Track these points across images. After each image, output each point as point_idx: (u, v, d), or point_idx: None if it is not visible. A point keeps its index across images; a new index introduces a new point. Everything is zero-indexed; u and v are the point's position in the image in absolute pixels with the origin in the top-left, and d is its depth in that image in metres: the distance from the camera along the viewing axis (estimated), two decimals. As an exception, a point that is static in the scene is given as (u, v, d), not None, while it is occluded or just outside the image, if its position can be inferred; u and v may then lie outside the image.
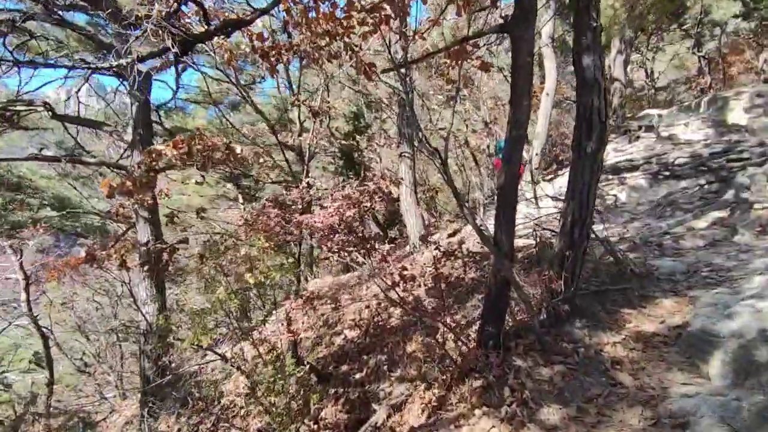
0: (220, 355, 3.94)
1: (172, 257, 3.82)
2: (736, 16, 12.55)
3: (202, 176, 4.60)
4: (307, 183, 5.31)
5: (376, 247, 3.47)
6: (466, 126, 10.42)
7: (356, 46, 3.70)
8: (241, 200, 13.45)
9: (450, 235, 7.53)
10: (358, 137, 10.41)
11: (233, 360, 3.96)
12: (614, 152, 9.02)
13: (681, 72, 19.00)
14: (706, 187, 6.16)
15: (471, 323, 4.29)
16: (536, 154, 8.63)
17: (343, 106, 13.95)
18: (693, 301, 3.50)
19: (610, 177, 7.51)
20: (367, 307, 6.02)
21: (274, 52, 3.84)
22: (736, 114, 9.59)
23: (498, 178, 2.95)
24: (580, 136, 3.23)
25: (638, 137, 9.16)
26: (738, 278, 3.66)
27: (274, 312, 4.31)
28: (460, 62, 3.10)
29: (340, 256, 3.19)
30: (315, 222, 3.04)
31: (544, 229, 4.59)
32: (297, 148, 10.90)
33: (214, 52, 3.99)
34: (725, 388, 2.38)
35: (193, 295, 8.38)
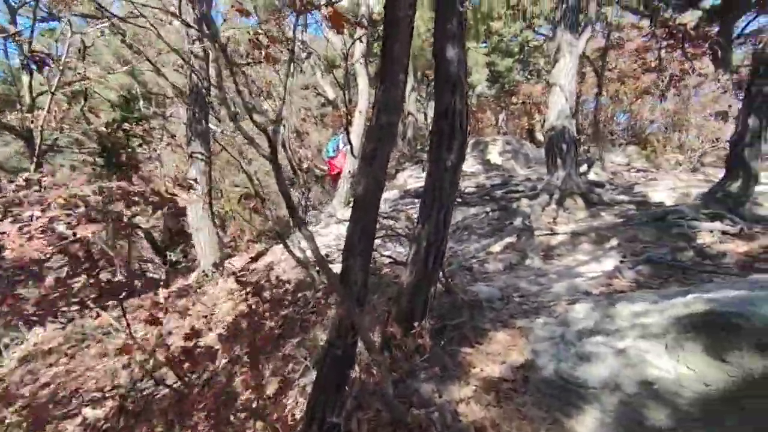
0: None
1: None
2: (488, 80, 15.45)
3: None
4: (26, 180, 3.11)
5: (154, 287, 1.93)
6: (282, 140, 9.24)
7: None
8: None
9: (253, 259, 6.09)
10: (130, 128, 7.79)
11: None
12: (412, 179, 9.35)
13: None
14: (491, 214, 6.67)
15: (286, 386, 3.08)
16: (349, 172, 8.07)
17: (106, 91, 10.66)
18: (524, 333, 3.24)
19: (416, 201, 7.54)
20: (127, 366, 4.02)
21: None
22: (494, 156, 11.40)
23: (356, 187, 1.92)
24: (439, 146, 2.54)
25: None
26: (550, 304, 3.62)
27: None
28: (300, 10, 1.98)
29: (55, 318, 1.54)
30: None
31: (381, 255, 3.80)
32: (24, 131, 7.46)
33: None
34: (613, 457, 1.93)
35: None
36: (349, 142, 7.17)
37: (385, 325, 2.59)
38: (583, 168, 7.63)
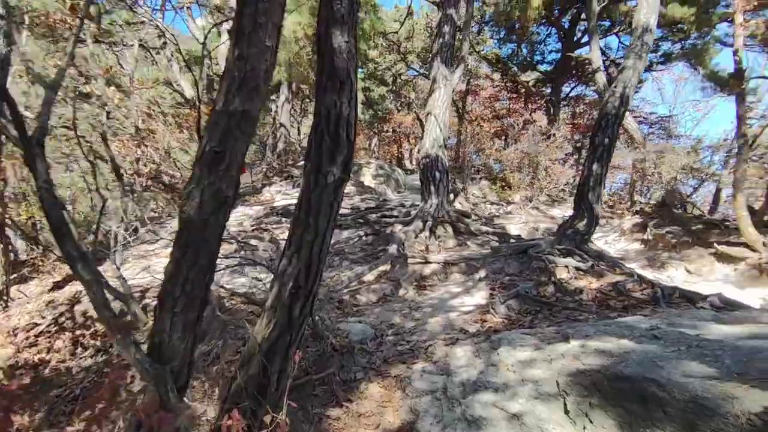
0: None
1: None
2: (363, 103, 15.57)
3: None
4: None
5: None
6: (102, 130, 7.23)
7: None
8: None
9: (57, 286, 4.49)
10: None
11: None
12: (281, 195, 8.48)
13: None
14: (364, 238, 6.27)
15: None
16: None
17: None
18: (401, 383, 2.76)
19: (283, 220, 6.71)
20: None
21: None
22: (368, 178, 11.28)
23: (186, 206, 1.17)
24: (319, 155, 1.92)
25: (300, 183, 9.06)
26: (427, 345, 3.26)
27: None
28: None
29: None
30: None
31: (229, 290, 2.94)
32: None
33: None
34: None
35: None
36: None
37: (225, 403, 1.80)
38: (450, 197, 7.89)
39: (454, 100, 14.92)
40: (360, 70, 16.27)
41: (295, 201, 6.50)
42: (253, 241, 5.94)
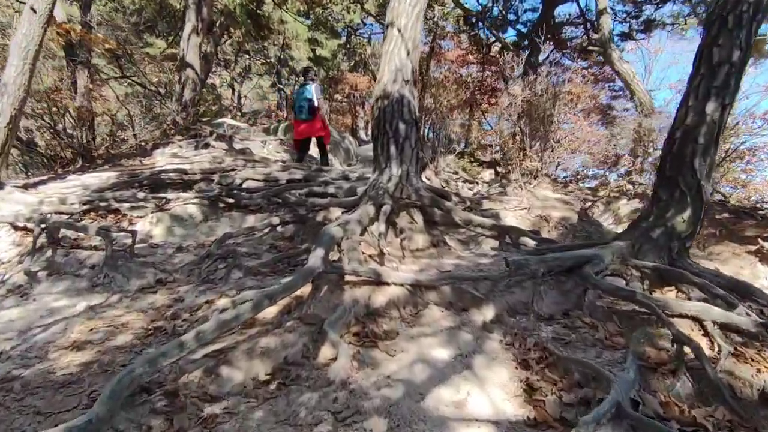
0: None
1: None
2: (310, 59, 12.57)
3: None
4: None
5: None
6: None
7: None
8: None
9: None
10: None
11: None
12: (171, 158, 5.59)
13: (263, 104, 19.12)
14: (279, 228, 3.69)
15: None
16: (6, 125, 3.87)
17: None
18: None
19: (141, 195, 3.91)
20: None
21: None
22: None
23: None
24: None
25: (208, 144, 6.21)
26: None
27: None
28: None
29: None
30: None
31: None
32: None
33: None
34: None
35: None
36: None
37: None
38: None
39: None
40: (307, 19, 13.16)
41: (189, 166, 3.88)
42: (69, 233, 3.16)
